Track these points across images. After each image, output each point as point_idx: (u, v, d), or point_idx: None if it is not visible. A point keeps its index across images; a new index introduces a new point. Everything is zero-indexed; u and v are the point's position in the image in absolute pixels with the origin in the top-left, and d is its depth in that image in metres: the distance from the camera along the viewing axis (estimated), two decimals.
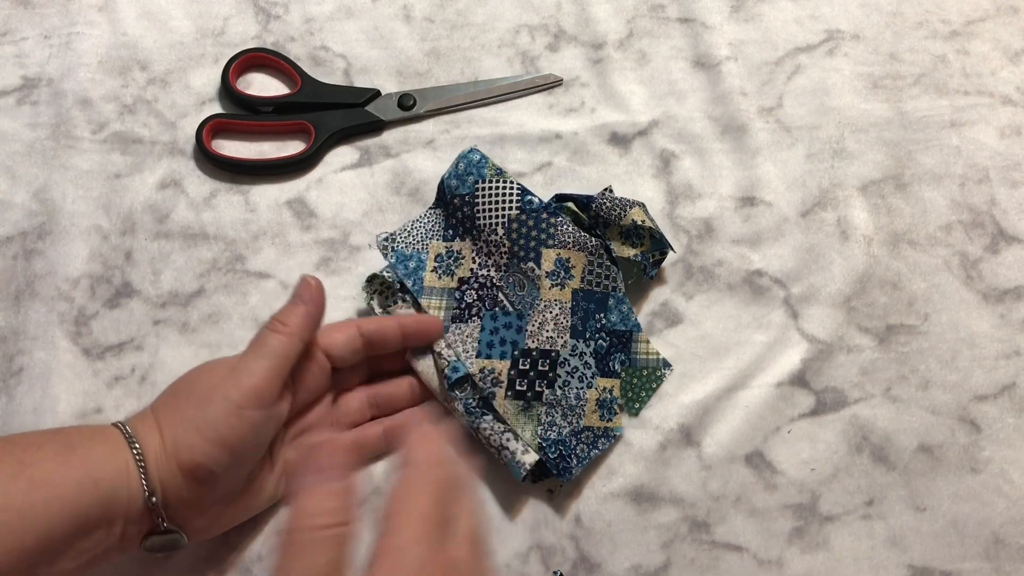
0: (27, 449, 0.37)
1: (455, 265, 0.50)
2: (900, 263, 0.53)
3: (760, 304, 0.52)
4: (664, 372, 0.50)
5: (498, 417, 0.47)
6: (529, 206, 0.50)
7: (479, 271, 0.50)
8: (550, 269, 0.49)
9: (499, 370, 0.47)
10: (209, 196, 0.54)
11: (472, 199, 0.50)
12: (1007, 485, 0.48)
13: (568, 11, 0.60)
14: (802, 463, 0.49)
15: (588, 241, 0.49)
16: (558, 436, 0.46)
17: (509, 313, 0.49)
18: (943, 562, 0.47)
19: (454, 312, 0.49)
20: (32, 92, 0.57)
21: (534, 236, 0.49)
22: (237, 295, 0.52)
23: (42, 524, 0.36)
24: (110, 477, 0.38)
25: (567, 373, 0.47)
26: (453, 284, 0.50)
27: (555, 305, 0.48)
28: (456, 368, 0.47)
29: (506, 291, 0.49)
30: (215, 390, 0.40)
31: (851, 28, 0.60)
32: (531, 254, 0.49)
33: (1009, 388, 0.50)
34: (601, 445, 0.47)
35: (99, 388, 0.49)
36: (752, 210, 0.55)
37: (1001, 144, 0.57)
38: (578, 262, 0.49)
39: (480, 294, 0.49)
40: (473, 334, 0.48)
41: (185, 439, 0.39)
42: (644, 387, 0.50)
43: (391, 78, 0.58)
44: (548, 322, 0.48)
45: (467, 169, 0.51)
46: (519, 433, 0.46)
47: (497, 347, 0.48)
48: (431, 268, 0.50)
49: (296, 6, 0.60)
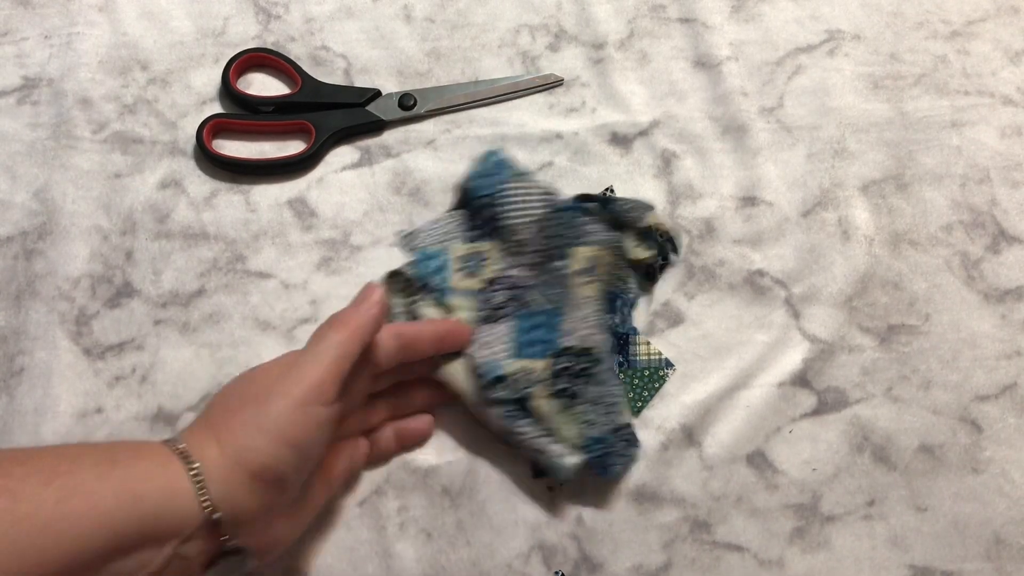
0: (64, 458, 0.35)
1: (481, 267, 0.50)
2: (901, 263, 0.53)
3: (761, 304, 0.52)
4: (667, 372, 0.50)
5: (534, 419, 0.46)
6: (555, 206, 0.50)
7: (507, 272, 0.50)
8: (581, 267, 0.49)
9: (537, 369, 0.47)
10: (209, 196, 0.54)
11: (496, 200, 0.50)
12: (1008, 485, 0.48)
13: (569, 11, 0.60)
14: (803, 463, 0.49)
15: (613, 240, 0.49)
16: (600, 434, 0.46)
17: (542, 312, 0.48)
18: (944, 562, 0.47)
19: (483, 313, 0.49)
20: (32, 92, 0.56)
21: (563, 235, 0.49)
22: (238, 295, 0.52)
23: (71, 538, 0.33)
24: (156, 493, 0.35)
25: (606, 370, 0.47)
26: (480, 285, 0.49)
27: (588, 303, 0.48)
28: (492, 369, 0.46)
29: (537, 290, 0.49)
30: (273, 389, 0.38)
31: (852, 28, 0.60)
32: (561, 252, 0.49)
33: (1010, 388, 0.50)
34: (637, 443, 0.47)
35: (100, 388, 0.49)
36: (753, 210, 0.55)
37: (1002, 144, 0.57)
38: (605, 260, 0.49)
39: (510, 295, 0.49)
40: (506, 335, 0.48)
41: (249, 442, 0.37)
42: (646, 387, 0.50)
43: (392, 78, 0.58)
44: (583, 320, 0.48)
45: (490, 170, 0.51)
46: (562, 432, 0.46)
47: (533, 347, 0.47)
48: (456, 268, 0.50)
49: (296, 6, 0.60)
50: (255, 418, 0.37)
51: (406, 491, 0.48)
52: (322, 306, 0.52)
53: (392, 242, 0.53)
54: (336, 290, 0.52)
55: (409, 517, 0.47)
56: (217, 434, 0.38)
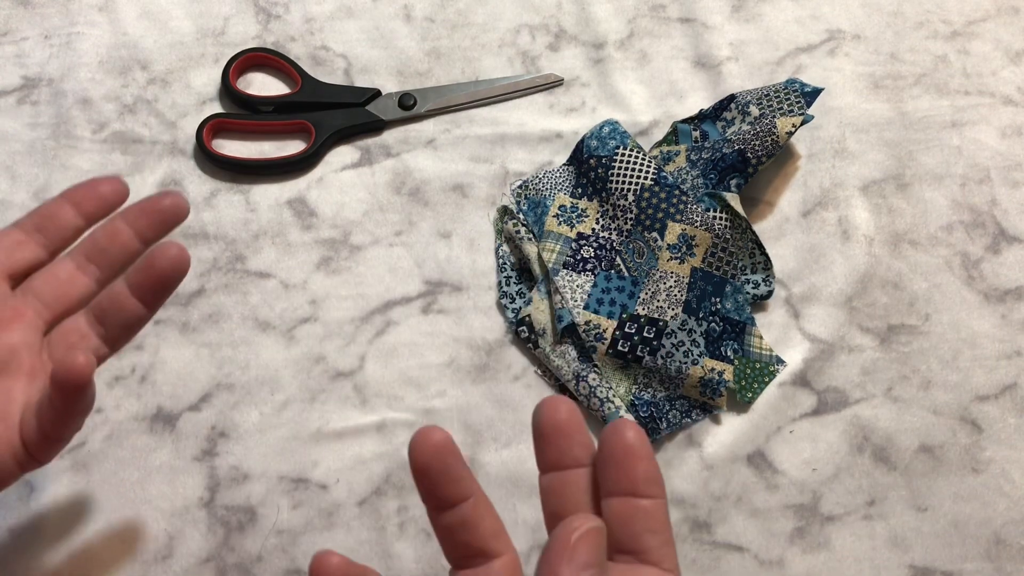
0: None
1: (577, 219, 0.52)
2: (901, 263, 0.53)
3: (761, 304, 0.52)
4: (777, 368, 0.50)
5: (599, 371, 0.49)
6: (664, 180, 0.51)
7: (601, 232, 0.52)
8: (673, 242, 0.50)
9: (604, 327, 0.49)
10: (209, 196, 0.54)
11: (609, 162, 0.52)
12: (1008, 485, 0.48)
13: (569, 11, 0.60)
14: (803, 463, 0.49)
15: (716, 223, 0.50)
16: (652, 398, 0.48)
17: (624, 278, 0.50)
18: (944, 562, 0.47)
19: (567, 259, 0.51)
20: (32, 92, 0.56)
21: (663, 208, 0.50)
22: (237, 295, 0.52)
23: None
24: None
25: (672, 345, 0.48)
26: (571, 235, 0.52)
27: (671, 277, 0.49)
28: (561, 317, 0.49)
29: (624, 256, 0.51)
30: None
31: (852, 28, 0.60)
32: (656, 224, 0.50)
33: (1010, 388, 0.50)
34: (695, 416, 0.49)
35: (99, 388, 0.49)
36: (753, 210, 0.55)
37: (1002, 144, 0.57)
38: (703, 241, 0.50)
39: (599, 253, 0.51)
40: (584, 286, 0.50)
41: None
42: (757, 379, 0.50)
43: (391, 78, 0.58)
44: (661, 292, 0.49)
45: (610, 133, 0.53)
46: (614, 388, 0.48)
47: (606, 306, 0.49)
48: (552, 214, 0.53)
49: (296, 6, 0.60)
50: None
51: (406, 491, 0.48)
52: (322, 306, 0.52)
53: (391, 242, 0.53)
54: (336, 290, 0.52)
55: (409, 517, 0.47)
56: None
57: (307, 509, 0.47)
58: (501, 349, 0.51)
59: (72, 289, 0.39)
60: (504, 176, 0.55)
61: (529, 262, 0.52)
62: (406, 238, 0.54)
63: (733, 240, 0.51)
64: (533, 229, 0.53)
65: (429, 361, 0.51)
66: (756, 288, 0.51)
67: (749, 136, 0.51)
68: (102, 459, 0.48)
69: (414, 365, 0.51)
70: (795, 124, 0.51)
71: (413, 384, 0.50)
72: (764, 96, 0.53)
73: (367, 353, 0.51)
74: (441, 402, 0.50)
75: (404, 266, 0.53)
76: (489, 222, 0.54)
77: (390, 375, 0.50)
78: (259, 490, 0.48)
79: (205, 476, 0.48)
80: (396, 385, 0.50)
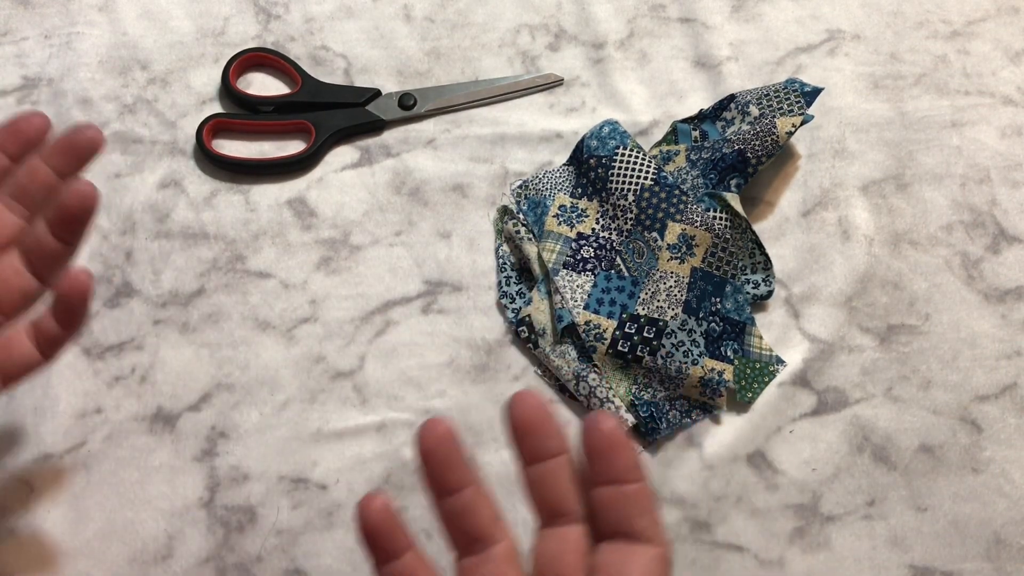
0: None
1: (577, 219, 0.52)
2: (901, 263, 0.53)
3: (761, 304, 0.52)
4: (777, 368, 0.50)
5: (599, 371, 0.49)
6: (664, 180, 0.51)
7: (601, 232, 0.52)
8: (673, 242, 0.50)
9: (604, 327, 0.49)
10: (209, 196, 0.54)
11: (609, 162, 0.52)
12: (1008, 485, 0.48)
13: (568, 11, 0.60)
14: (803, 463, 0.49)
15: (716, 223, 0.50)
16: (652, 398, 0.48)
17: (624, 278, 0.50)
18: (944, 562, 0.47)
19: (567, 259, 0.51)
20: (32, 92, 0.56)
21: (663, 208, 0.50)
22: (237, 295, 0.52)
23: None
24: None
25: (672, 345, 0.48)
26: (571, 235, 0.52)
27: (671, 277, 0.49)
28: (561, 317, 0.49)
29: (624, 256, 0.51)
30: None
31: (852, 28, 0.60)
32: (656, 224, 0.50)
33: (1010, 388, 0.50)
34: (695, 416, 0.49)
35: (99, 388, 0.49)
36: (753, 210, 0.55)
37: (1002, 144, 0.57)
38: (703, 241, 0.50)
39: (599, 253, 0.51)
40: (584, 286, 0.50)
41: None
42: (757, 379, 0.50)
43: (391, 78, 0.58)
44: (661, 292, 0.49)
45: (610, 133, 0.53)
46: (614, 388, 0.48)
47: (606, 305, 0.50)
48: (552, 214, 0.53)
49: (296, 6, 0.60)
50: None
51: (406, 491, 0.48)
52: (322, 306, 0.52)
53: (391, 242, 0.53)
54: (336, 290, 0.52)
55: (409, 517, 0.47)
56: None
57: (307, 509, 0.47)
58: (501, 349, 0.51)
59: (1, 228, 0.40)
60: (504, 176, 0.55)
61: (529, 262, 0.52)
62: (406, 238, 0.54)
63: (733, 240, 0.51)
64: (533, 229, 0.53)
65: (429, 361, 0.51)
66: (756, 288, 0.51)
67: (749, 136, 0.51)
68: (102, 459, 0.48)
69: (414, 365, 0.51)
70: (795, 124, 0.51)
71: (413, 384, 0.50)
72: (764, 96, 0.53)
73: (367, 353, 0.51)
74: (441, 402, 0.50)
75: (404, 266, 0.53)
76: (489, 222, 0.54)
77: (390, 375, 0.50)
78: (259, 490, 0.48)
79: (205, 476, 0.48)
80: (396, 385, 0.50)
